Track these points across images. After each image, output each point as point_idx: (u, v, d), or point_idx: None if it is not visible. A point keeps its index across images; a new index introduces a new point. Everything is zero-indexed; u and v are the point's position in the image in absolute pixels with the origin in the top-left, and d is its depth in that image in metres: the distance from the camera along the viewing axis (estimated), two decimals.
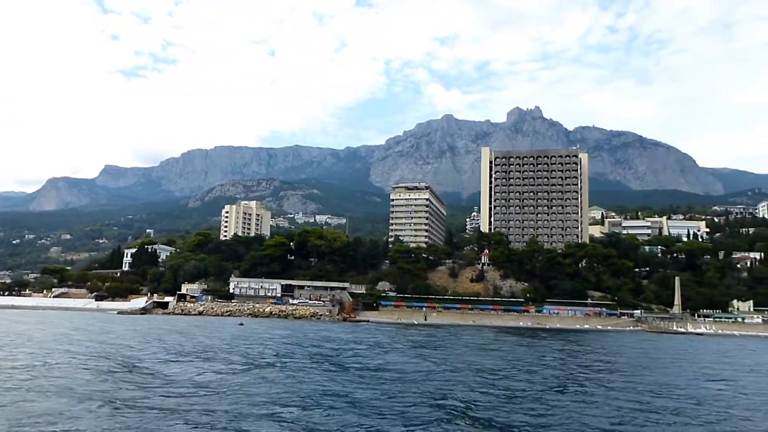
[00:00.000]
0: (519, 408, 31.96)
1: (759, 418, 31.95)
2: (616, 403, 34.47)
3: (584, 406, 33.47)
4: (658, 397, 37.77)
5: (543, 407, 32.77)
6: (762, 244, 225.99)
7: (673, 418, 30.89)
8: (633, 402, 35.01)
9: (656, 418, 30.60)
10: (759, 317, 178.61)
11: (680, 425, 29.63)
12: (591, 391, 39.69)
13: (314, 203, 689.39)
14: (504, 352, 74.52)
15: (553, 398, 36.34)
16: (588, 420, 29.24)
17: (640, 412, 31.76)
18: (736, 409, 34.62)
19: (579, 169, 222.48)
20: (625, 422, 29.37)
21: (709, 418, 31.41)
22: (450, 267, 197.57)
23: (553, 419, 29.48)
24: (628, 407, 32.99)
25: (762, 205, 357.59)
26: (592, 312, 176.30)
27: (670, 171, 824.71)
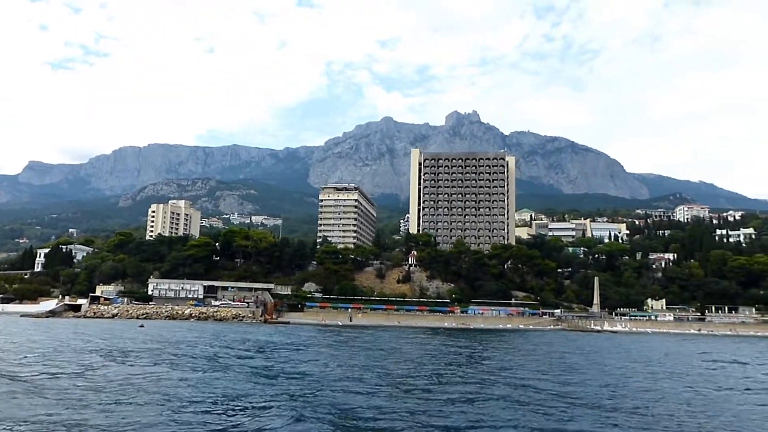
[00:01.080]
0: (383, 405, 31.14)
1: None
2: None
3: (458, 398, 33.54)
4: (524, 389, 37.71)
5: (419, 401, 33.09)
6: (676, 245, 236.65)
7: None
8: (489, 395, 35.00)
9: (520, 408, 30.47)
10: (670, 315, 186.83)
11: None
12: (468, 384, 39.44)
13: (251, 204, 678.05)
14: (409, 352, 73.99)
15: (432, 392, 36.85)
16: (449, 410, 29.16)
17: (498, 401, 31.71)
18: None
19: (506, 171, 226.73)
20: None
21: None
22: (377, 268, 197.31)
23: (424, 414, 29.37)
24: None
25: (679, 208, 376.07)
26: (516, 312, 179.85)
27: (600, 176, 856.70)
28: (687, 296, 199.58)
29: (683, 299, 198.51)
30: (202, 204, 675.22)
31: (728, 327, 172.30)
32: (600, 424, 27.65)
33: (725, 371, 57.21)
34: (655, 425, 27.97)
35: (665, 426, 27.83)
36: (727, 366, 62.90)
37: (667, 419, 29.51)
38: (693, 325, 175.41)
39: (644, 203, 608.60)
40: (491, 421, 27.96)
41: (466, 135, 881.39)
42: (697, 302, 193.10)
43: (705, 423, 29.02)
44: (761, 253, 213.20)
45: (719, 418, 30.79)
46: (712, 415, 31.39)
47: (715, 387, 44.06)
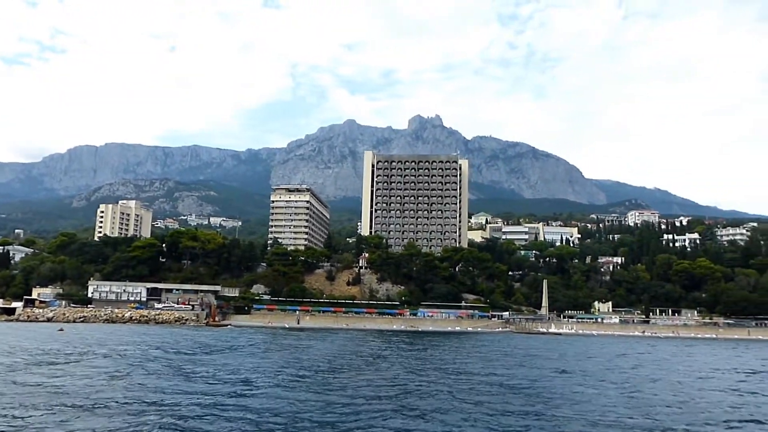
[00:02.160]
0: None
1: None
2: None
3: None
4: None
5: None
6: (624, 249, 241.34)
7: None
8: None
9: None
10: (616, 317, 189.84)
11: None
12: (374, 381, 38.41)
13: (211, 205, 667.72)
14: (323, 351, 72.63)
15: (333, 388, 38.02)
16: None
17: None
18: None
19: (459, 174, 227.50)
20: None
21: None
22: (328, 270, 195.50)
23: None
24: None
25: (631, 213, 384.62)
26: (465, 314, 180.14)
27: (560, 181, 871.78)
28: (633, 299, 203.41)
29: (629, 302, 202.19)
30: (159, 205, 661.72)
31: (671, 329, 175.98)
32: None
33: (620, 369, 61.16)
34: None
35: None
36: (624, 365, 67.08)
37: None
38: (638, 327, 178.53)
39: (601, 208, 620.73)
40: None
41: (429, 139, 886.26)
42: (643, 305, 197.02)
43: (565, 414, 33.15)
44: (704, 257, 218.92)
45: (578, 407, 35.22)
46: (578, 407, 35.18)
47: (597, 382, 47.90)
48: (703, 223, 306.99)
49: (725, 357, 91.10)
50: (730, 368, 68.00)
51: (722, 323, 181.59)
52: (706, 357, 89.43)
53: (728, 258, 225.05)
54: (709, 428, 31.18)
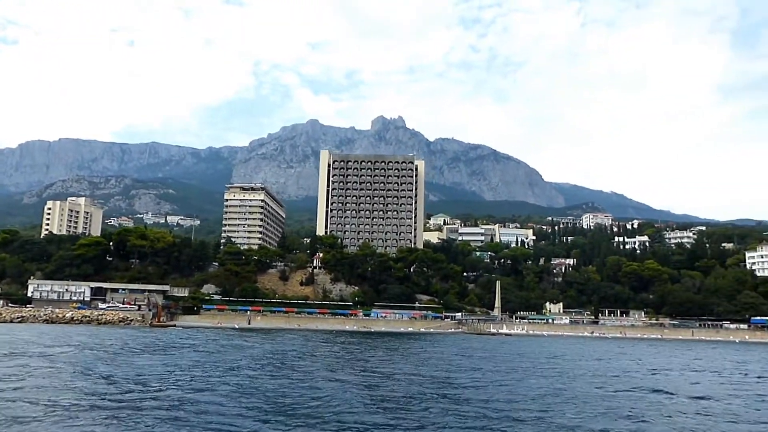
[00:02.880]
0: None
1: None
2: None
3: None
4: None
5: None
6: (577, 251, 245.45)
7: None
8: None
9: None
10: (567, 318, 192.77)
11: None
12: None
13: (169, 204, 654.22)
14: (271, 354, 71.21)
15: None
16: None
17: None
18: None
19: (414, 175, 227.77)
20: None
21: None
22: (281, 270, 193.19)
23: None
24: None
25: (585, 216, 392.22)
26: (418, 315, 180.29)
27: (520, 184, 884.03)
28: (584, 300, 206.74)
29: (580, 303, 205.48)
30: (115, 203, 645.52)
31: (618, 330, 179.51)
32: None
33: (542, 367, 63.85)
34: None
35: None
36: (544, 362, 70.89)
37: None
38: (587, 327, 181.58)
39: (559, 211, 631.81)
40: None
41: (392, 140, 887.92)
42: (592, 306, 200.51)
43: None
44: (652, 259, 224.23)
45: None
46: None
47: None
48: (653, 226, 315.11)
49: (650, 355, 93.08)
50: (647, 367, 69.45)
51: (668, 324, 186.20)
52: (628, 356, 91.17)
53: (675, 260, 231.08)
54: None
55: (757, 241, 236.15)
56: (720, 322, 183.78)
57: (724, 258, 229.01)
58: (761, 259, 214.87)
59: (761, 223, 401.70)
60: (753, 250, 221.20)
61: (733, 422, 35.06)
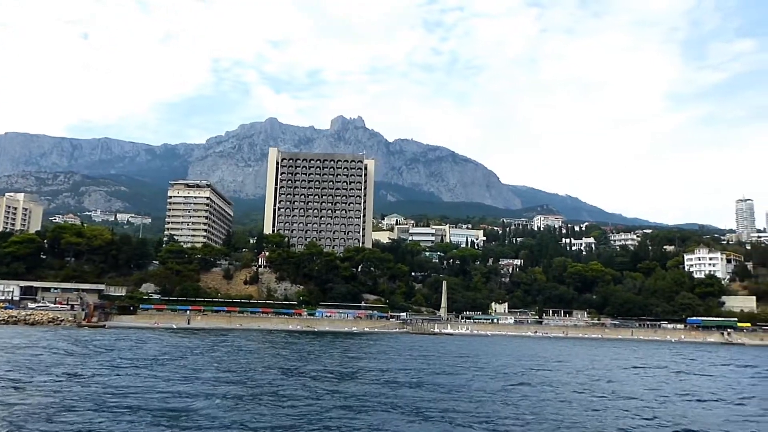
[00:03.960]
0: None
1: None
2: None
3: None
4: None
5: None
6: (525, 252, 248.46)
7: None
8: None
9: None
10: (511, 318, 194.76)
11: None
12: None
13: (120, 201, 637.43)
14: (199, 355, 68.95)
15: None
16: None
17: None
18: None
19: (364, 174, 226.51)
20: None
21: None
22: (225, 269, 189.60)
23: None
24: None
25: (537, 218, 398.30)
26: (363, 315, 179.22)
27: (478, 185, 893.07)
28: (529, 300, 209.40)
29: (526, 303, 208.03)
30: (63, 200, 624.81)
31: (561, 329, 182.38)
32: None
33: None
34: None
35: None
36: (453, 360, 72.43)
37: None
38: (531, 327, 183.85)
39: (515, 213, 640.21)
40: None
41: (351, 140, 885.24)
42: (537, 306, 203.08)
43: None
44: (597, 261, 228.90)
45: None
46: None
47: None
48: (600, 229, 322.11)
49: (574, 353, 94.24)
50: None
51: (609, 324, 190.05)
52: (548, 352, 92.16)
53: (619, 261, 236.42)
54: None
55: (695, 244, 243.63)
56: (658, 322, 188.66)
57: (665, 260, 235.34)
58: (698, 261, 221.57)
59: (704, 227, 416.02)
60: (691, 253, 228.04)
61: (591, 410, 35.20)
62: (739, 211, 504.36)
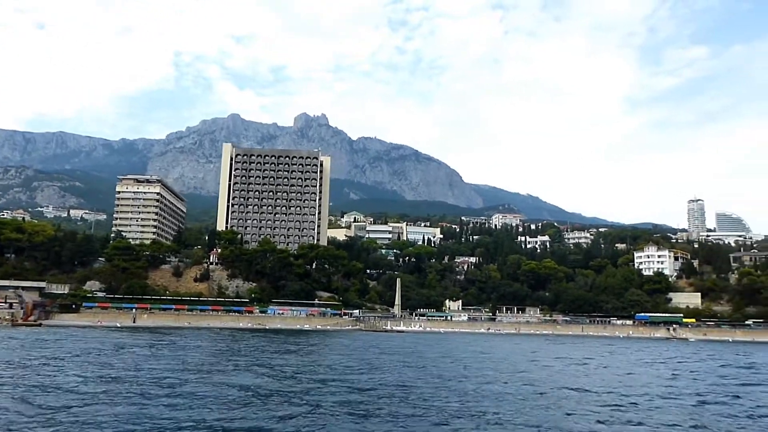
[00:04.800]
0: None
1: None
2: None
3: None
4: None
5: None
6: (481, 250, 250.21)
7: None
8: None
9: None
10: (465, 315, 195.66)
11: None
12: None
13: (75, 197, 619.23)
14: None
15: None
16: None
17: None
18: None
19: (319, 171, 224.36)
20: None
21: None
22: (175, 266, 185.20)
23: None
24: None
25: (495, 216, 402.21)
26: (316, 312, 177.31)
27: (440, 184, 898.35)
28: (484, 297, 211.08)
29: (480, 300, 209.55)
30: (14, 195, 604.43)
31: (513, 326, 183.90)
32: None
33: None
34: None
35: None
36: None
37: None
38: (484, 324, 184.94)
39: (477, 212, 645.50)
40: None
41: (314, 137, 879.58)
42: (491, 303, 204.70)
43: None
44: (551, 258, 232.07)
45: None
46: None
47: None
48: (555, 227, 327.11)
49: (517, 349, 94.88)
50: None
51: (560, 320, 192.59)
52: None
53: (572, 259, 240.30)
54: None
55: (645, 242, 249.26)
56: (608, 318, 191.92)
57: (616, 258, 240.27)
58: (647, 259, 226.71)
59: (657, 227, 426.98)
60: (641, 251, 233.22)
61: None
62: (691, 211, 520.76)
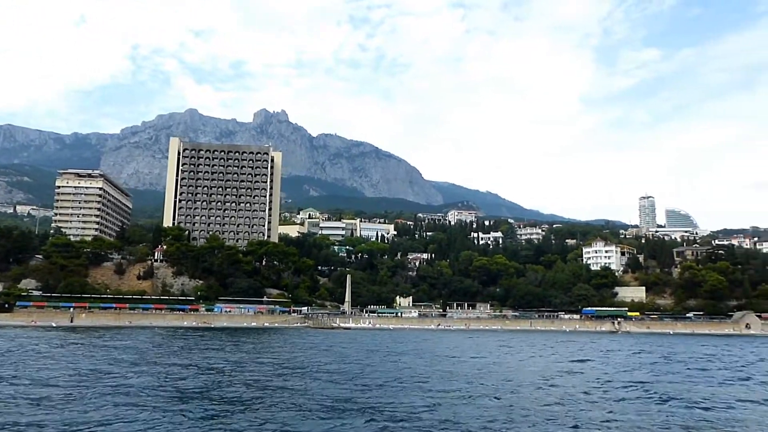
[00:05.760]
0: None
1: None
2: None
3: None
4: None
5: None
6: (434, 246, 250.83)
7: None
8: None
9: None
10: (416, 311, 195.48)
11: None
12: None
13: (23, 192, 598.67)
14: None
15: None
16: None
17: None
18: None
19: (270, 167, 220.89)
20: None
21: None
22: (117, 263, 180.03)
23: None
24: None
25: (451, 213, 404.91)
26: (264, 310, 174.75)
27: (401, 181, 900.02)
28: (435, 293, 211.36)
29: (431, 296, 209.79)
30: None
31: (463, 322, 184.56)
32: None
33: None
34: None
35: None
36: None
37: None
38: (434, 320, 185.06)
39: (437, 209, 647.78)
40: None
41: (274, 134, 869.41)
42: (442, 299, 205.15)
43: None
44: (502, 254, 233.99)
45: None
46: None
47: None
48: (508, 223, 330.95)
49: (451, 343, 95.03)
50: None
51: (510, 315, 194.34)
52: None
53: (523, 255, 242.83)
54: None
55: (594, 237, 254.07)
56: (556, 312, 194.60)
57: (567, 253, 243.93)
58: (595, 254, 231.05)
59: (610, 222, 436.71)
60: (589, 246, 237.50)
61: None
62: (642, 208, 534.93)
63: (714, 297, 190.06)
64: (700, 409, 36.35)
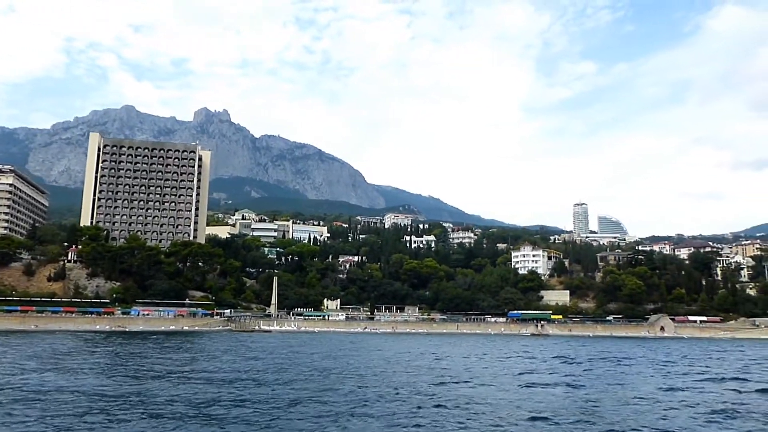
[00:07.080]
0: None
1: None
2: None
3: None
4: None
5: None
6: (366, 249, 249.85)
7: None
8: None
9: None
10: (343, 314, 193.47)
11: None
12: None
13: None
14: None
15: None
16: None
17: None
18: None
19: (198, 165, 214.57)
20: None
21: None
22: (26, 263, 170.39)
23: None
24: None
25: (387, 216, 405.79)
26: (185, 312, 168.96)
27: (343, 184, 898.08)
28: (364, 296, 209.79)
29: (360, 299, 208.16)
30: None
31: (391, 325, 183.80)
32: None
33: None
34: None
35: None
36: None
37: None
38: (361, 323, 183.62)
39: (379, 212, 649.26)
40: None
41: (215, 133, 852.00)
42: (371, 302, 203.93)
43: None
44: (433, 258, 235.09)
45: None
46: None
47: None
48: (441, 227, 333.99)
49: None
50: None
51: (438, 318, 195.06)
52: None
53: (454, 258, 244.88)
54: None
55: (524, 242, 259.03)
56: (484, 315, 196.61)
57: (497, 257, 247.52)
58: (523, 258, 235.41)
59: (545, 228, 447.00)
60: (517, 250, 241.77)
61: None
62: (576, 214, 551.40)
63: (633, 300, 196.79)
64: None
